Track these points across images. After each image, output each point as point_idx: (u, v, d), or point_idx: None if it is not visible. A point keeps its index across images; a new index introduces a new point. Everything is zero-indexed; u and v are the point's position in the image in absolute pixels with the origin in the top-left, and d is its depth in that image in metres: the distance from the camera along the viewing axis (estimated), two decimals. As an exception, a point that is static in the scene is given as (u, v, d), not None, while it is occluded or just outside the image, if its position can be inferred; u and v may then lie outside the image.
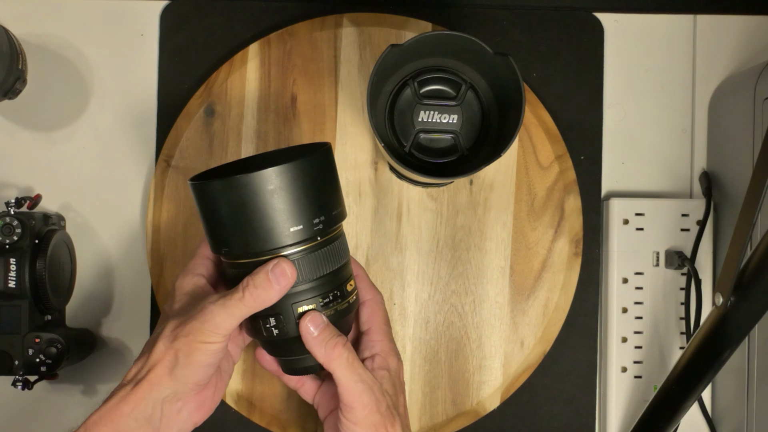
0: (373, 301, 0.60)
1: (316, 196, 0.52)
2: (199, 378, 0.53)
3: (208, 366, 0.52)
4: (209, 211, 0.53)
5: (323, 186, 0.53)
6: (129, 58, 0.73)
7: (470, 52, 0.58)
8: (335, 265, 0.54)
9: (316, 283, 0.53)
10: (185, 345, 0.51)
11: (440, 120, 0.61)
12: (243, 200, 0.50)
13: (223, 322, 0.51)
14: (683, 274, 0.71)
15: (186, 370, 0.52)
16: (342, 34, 0.71)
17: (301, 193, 0.51)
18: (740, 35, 0.74)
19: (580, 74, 0.73)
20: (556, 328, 0.71)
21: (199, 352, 0.51)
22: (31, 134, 0.73)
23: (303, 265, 0.52)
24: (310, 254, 0.53)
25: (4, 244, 0.64)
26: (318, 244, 0.53)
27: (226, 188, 0.51)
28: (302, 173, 0.51)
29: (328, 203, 0.53)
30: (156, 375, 0.52)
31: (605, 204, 0.72)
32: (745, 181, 0.53)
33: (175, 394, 0.52)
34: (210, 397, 0.56)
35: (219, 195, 0.51)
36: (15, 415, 0.72)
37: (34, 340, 0.65)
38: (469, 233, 0.71)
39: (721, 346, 0.56)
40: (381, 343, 0.58)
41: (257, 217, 0.51)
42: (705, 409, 0.71)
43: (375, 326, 0.59)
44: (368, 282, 0.61)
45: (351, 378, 0.53)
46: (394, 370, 0.57)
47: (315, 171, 0.52)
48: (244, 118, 0.71)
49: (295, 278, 0.52)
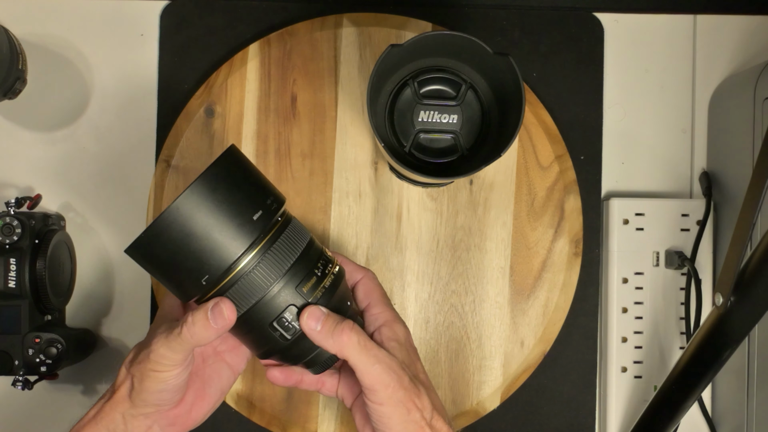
0: (366, 278, 0.59)
1: (236, 203, 0.50)
2: (157, 401, 0.53)
3: (161, 392, 0.53)
4: (151, 270, 0.52)
5: (237, 192, 0.50)
6: (129, 58, 0.73)
7: (470, 52, 0.58)
8: (298, 251, 0.52)
9: (290, 276, 0.51)
10: (138, 372, 0.53)
11: (440, 120, 0.61)
12: (169, 243, 0.49)
13: (167, 353, 0.51)
14: (683, 274, 0.71)
15: (141, 395, 0.53)
16: (342, 34, 0.71)
17: (218, 207, 0.49)
18: (740, 35, 0.74)
19: (580, 74, 0.73)
20: (556, 328, 0.71)
21: (150, 380, 0.52)
22: (31, 134, 0.73)
23: (264, 267, 0.51)
24: (266, 255, 0.51)
25: (4, 244, 0.64)
26: (267, 241, 0.51)
27: (148, 243, 0.49)
28: (207, 192, 0.49)
29: (254, 203, 0.51)
30: (118, 396, 0.54)
31: (605, 204, 0.72)
32: (745, 181, 0.53)
33: (140, 414, 0.54)
34: (184, 414, 0.56)
35: (148, 251, 0.50)
36: (15, 415, 0.72)
37: (34, 340, 0.65)
38: (469, 233, 0.71)
39: (721, 346, 0.56)
40: (383, 314, 0.57)
41: (193, 255, 0.49)
42: (705, 409, 0.71)
43: (373, 300, 0.57)
44: (353, 264, 0.60)
45: (367, 361, 0.52)
46: (403, 338, 0.56)
47: (220, 182, 0.49)
48: (244, 118, 0.71)
49: (234, 319, 0.51)
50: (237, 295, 0.51)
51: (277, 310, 0.51)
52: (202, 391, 0.57)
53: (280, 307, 0.51)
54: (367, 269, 0.60)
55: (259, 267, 0.50)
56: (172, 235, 0.49)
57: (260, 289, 0.51)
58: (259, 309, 0.51)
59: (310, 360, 0.54)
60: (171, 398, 0.54)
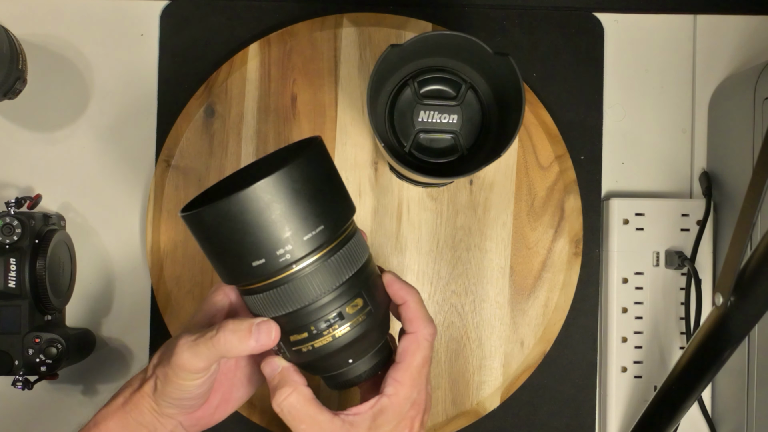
0: (414, 336, 0.52)
1: (312, 204, 0.47)
2: (180, 406, 0.52)
3: (184, 399, 0.51)
4: (203, 242, 0.48)
5: (317, 191, 0.47)
6: (129, 58, 0.73)
7: (470, 52, 0.58)
8: (349, 273, 0.49)
9: (333, 296, 0.48)
10: (162, 375, 0.51)
11: (440, 120, 0.61)
12: (232, 225, 0.46)
13: (191, 359, 0.49)
14: (683, 274, 0.71)
15: (164, 398, 0.51)
16: (342, 34, 0.71)
17: (295, 201, 0.46)
18: (740, 35, 0.74)
19: (580, 74, 0.73)
20: (556, 328, 0.71)
21: (171, 386, 0.50)
22: (31, 134, 0.73)
23: (314, 278, 0.48)
24: (322, 266, 0.48)
25: (4, 244, 0.64)
26: (326, 253, 0.48)
27: (213, 216, 0.46)
28: (294, 179, 0.46)
29: (328, 208, 0.48)
30: (145, 391, 0.52)
31: (605, 204, 0.72)
32: (745, 181, 0.53)
33: (164, 411, 0.52)
34: (208, 416, 0.55)
35: (209, 223, 0.47)
36: (15, 415, 0.72)
37: (34, 340, 0.65)
38: (469, 233, 0.71)
39: (721, 346, 0.56)
40: (397, 386, 0.51)
41: (253, 240, 0.46)
42: (705, 409, 0.71)
43: (404, 365, 0.52)
44: (417, 312, 0.52)
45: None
46: (394, 420, 0.51)
47: (307, 174, 0.47)
48: (244, 118, 0.71)
49: (275, 344, 0.49)
50: (286, 294, 0.48)
51: (312, 319, 0.49)
52: (229, 394, 0.55)
53: (317, 318, 0.49)
54: (426, 325, 0.52)
55: (316, 271, 0.48)
56: (248, 205, 0.45)
57: (309, 294, 0.48)
58: (298, 314, 0.49)
59: (328, 378, 0.53)
60: (194, 405, 0.52)
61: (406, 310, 0.52)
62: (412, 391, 0.52)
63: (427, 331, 0.52)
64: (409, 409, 0.52)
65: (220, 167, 0.70)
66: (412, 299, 0.52)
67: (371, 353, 0.52)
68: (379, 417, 0.51)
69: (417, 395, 0.52)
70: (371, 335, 0.51)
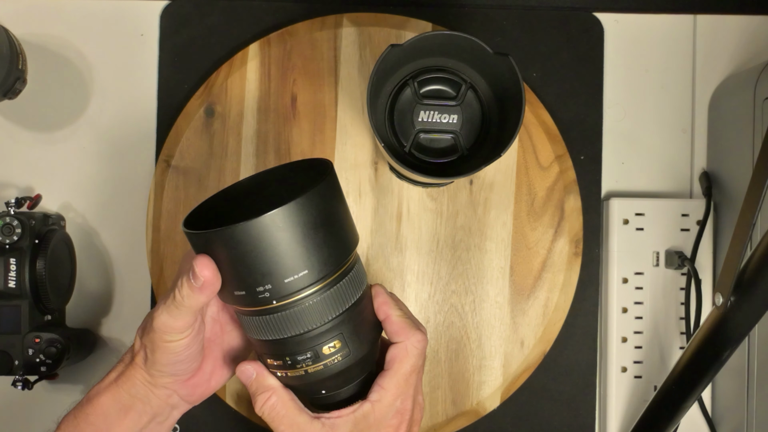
0: (402, 346, 0.51)
1: (321, 237, 0.46)
2: (172, 372, 0.52)
3: (174, 363, 0.51)
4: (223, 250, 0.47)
5: (327, 224, 0.47)
6: (129, 58, 0.73)
7: (470, 52, 0.58)
8: (356, 295, 0.49)
9: (341, 319, 0.48)
10: (150, 342, 0.51)
11: (440, 120, 0.61)
12: (239, 252, 0.45)
13: (168, 320, 0.49)
14: (683, 274, 0.71)
15: (155, 366, 0.51)
16: (342, 34, 0.71)
17: (301, 237, 0.46)
18: (740, 35, 0.74)
19: (580, 74, 0.73)
20: (556, 328, 0.71)
21: (161, 351, 0.50)
22: (31, 134, 0.73)
23: (324, 301, 0.47)
24: (330, 292, 0.48)
25: (4, 244, 0.64)
26: (336, 278, 0.48)
27: (219, 241, 0.46)
28: (306, 211, 0.46)
29: (338, 241, 0.48)
30: (136, 363, 0.52)
31: (605, 204, 0.72)
32: (745, 181, 0.53)
33: (158, 381, 0.52)
34: (204, 383, 0.54)
35: (215, 247, 0.46)
36: (15, 415, 0.72)
37: (34, 340, 0.65)
38: (469, 233, 0.71)
39: (721, 346, 0.56)
40: (381, 393, 0.51)
41: (257, 268, 0.46)
42: (705, 409, 0.71)
43: (391, 372, 0.51)
44: (401, 324, 0.52)
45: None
46: (375, 426, 0.51)
47: (319, 206, 0.47)
48: (244, 118, 0.71)
49: (215, 277, 0.47)
50: (288, 321, 0.47)
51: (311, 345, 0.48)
52: (221, 360, 0.55)
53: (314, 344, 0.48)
54: (414, 333, 0.52)
55: (318, 300, 0.47)
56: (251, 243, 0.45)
57: (309, 322, 0.48)
58: (289, 341, 0.48)
59: (313, 400, 0.53)
60: (186, 368, 0.52)
61: (390, 324, 0.52)
62: (396, 399, 0.51)
63: (416, 339, 0.51)
64: (392, 417, 0.51)
65: (220, 167, 0.70)
66: (394, 313, 0.52)
67: (349, 386, 0.52)
68: (361, 422, 0.50)
69: (401, 404, 0.51)
70: (348, 373, 0.50)
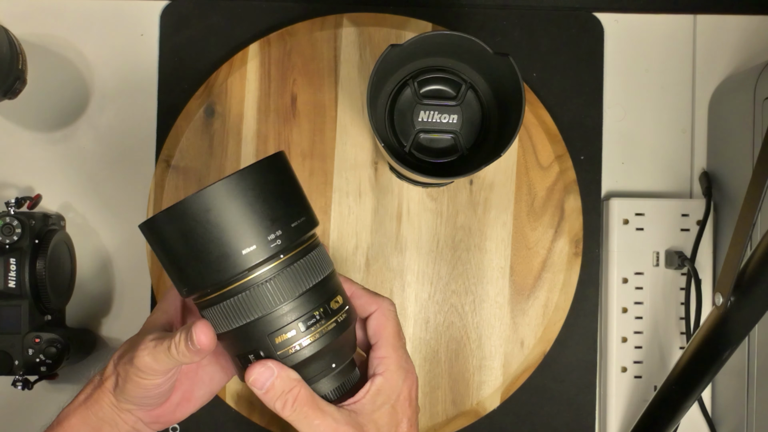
0: (379, 312, 0.53)
1: (265, 210, 0.46)
2: (140, 402, 0.52)
3: (143, 397, 0.51)
4: (159, 251, 0.48)
5: (272, 198, 0.47)
6: (129, 58, 0.73)
7: (470, 52, 0.58)
8: (317, 278, 0.49)
9: (293, 305, 0.48)
10: (123, 372, 0.51)
11: (440, 120, 0.61)
12: (184, 230, 0.46)
13: (151, 363, 0.50)
14: (683, 274, 0.71)
15: (124, 395, 0.52)
16: (342, 34, 0.71)
17: (244, 210, 0.46)
18: (740, 35, 0.74)
19: (580, 74, 0.73)
20: (556, 328, 0.71)
21: (132, 384, 0.51)
22: (31, 134, 0.73)
23: (273, 287, 0.47)
24: (280, 274, 0.47)
25: (4, 244, 0.64)
26: (283, 262, 0.47)
27: (165, 222, 0.46)
28: (242, 189, 0.46)
29: (283, 215, 0.47)
30: (104, 389, 0.53)
31: (605, 204, 0.72)
32: (745, 181, 0.53)
33: (123, 407, 0.53)
34: (168, 414, 0.55)
35: (162, 230, 0.47)
36: (15, 415, 0.72)
37: (34, 340, 0.65)
38: (469, 233, 0.71)
39: (721, 346, 0.56)
40: (386, 361, 0.52)
41: (205, 246, 0.46)
42: (705, 409, 0.71)
43: (381, 340, 0.53)
44: (369, 295, 0.54)
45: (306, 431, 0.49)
46: (394, 394, 0.52)
47: (258, 183, 0.47)
48: (244, 118, 0.71)
49: (211, 345, 0.48)
50: (243, 304, 0.47)
51: (272, 329, 0.48)
52: (190, 393, 0.55)
53: (278, 328, 0.48)
54: (384, 299, 0.54)
55: (272, 281, 0.47)
56: (197, 220, 0.45)
57: (266, 306, 0.47)
58: (257, 325, 0.48)
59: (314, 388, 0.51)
60: (153, 402, 0.53)
61: (357, 297, 0.54)
62: (400, 361, 0.52)
63: (386, 303, 0.54)
64: (404, 380, 0.52)
65: (220, 167, 0.70)
66: (357, 287, 0.54)
67: (334, 373, 0.51)
68: (378, 397, 0.51)
69: (405, 363, 0.53)
70: (331, 349, 0.50)
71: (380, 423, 0.51)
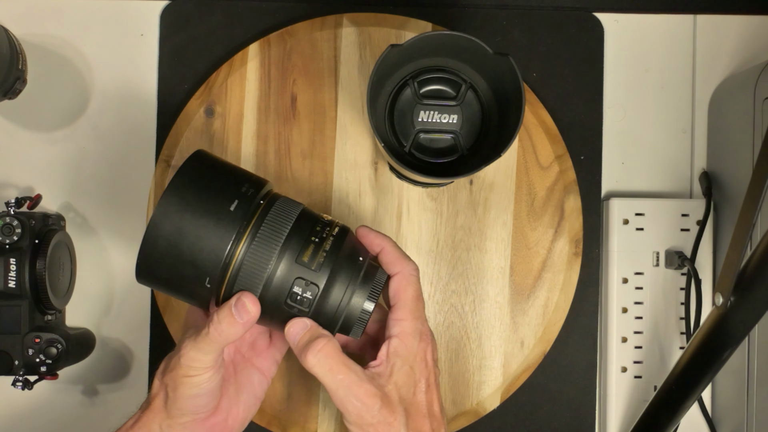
0: (402, 276, 0.55)
1: (208, 201, 0.50)
2: (193, 409, 0.53)
3: (196, 397, 0.53)
4: (160, 290, 0.53)
5: (206, 191, 0.51)
6: (129, 58, 0.73)
7: (470, 52, 0.58)
8: (287, 226, 0.52)
9: (285, 251, 0.51)
10: (171, 380, 0.53)
11: (440, 120, 0.61)
12: (161, 260, 0.50)
13: (197, 356, 0.52)
14: (683, 274, 0.71)
15: (176, 404, 0.53)
16: (342, 34, 0.71)
17: (192, 211, 0.50)
18: (740, 35, 0.74)
19: (580, 74, 0.73)
20: (556, 328, 0.71)
21: (183, 386, 0.52)
22: (31, 134, 0.73)
23: (255, 251, 0.51)
24: (255, 239, 0.51)
25: (4, 244, 0.64)
26: (253, 226, 0.51)
27: (145, 269, 0.51)
28: (177, 200, 0.50)
29: (226, 195, 0.51)
30: (154, 407, 0.54)
31: (605, 204, 0.72)
32: (745, 181, 0.53)
33: (177, 424, 0.54)
34: (221, 422, 0.56)
35: (149, 276, 0.52)
36: (15, 415, 0.72)
37: (34, 340, 0.65)
38: (469, 233, 0.71)
39: (721, 346, 0.56)
40: (402, 324, 0.54)
41: (185, 259, 0.50)
42: (705, 409, 0.71)
43: (400, 303, 0.54)
44: (396, 254, 0.56)
45: (330, 385, 0.52)
46: (411, 355, 0.53)
47: (187, 188, 0.51)
48: (244, 118, 0.71)
49: (258, 310, 0.51)
50: (245, 285, 0.51)
51: (285, 287, 0.51)
52: (236, 397, 0.57)
53: (287, 284, 0.51)
54: (408, 262, 0.56)
55: (250, 252, 0.50)
56: (161, 250, 0.50)
57: (260, 272, 0.51)
58: (269, 292, 0.51)
59: (343, 327, 0.54)
60: (206, 404, 0.54)
61: (386, 254, 0.55)
62: (416, 323, 0.54)
63: (411, 267, 0.56)
64: (420, 342, 0.54)
65: (220, 167, 0.70)
66: (388, 244, 0.56)
67: (357, 283, 0.53)
68: (396, 358, 0.53)
69: (422, 326, 0.55)
70: (346, 252, 0.53)
71: (399, 383, 0.53)
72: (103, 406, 0.72)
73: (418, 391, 0.54)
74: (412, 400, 0.53)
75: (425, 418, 0.54)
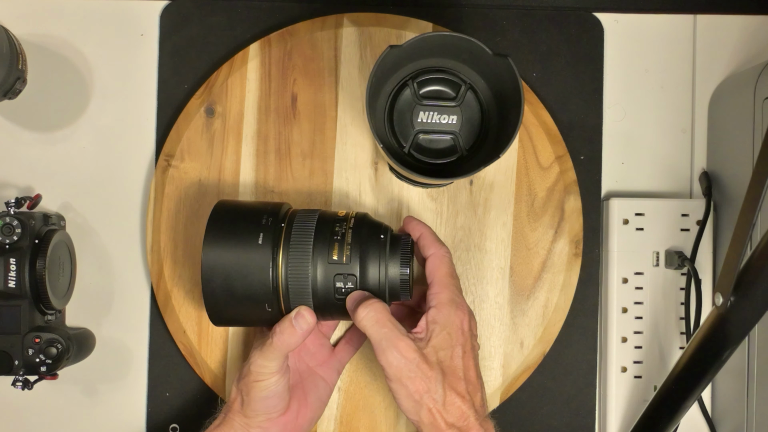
0: (435, 256, 0.61)
1: (240, 243, 0.58)
2: (265, 409, 0.61)
3: (266, 399, 0.60)
4: (234, 323, 0.64)
5: (235, 236, 0.59)
6: (129, 58, 0.73)
7: (470, 52, 0.58)
8: (311, 234, 0.59)
9: (317, 255, 0.58)
10: (244, 385, 0.61)
11: (440, 121, 0.61)
12: (225, 303, 0.59)
13: (264, 363, 0.59)
14: (683, 274, 0.71)
15: (250, 406, 0.60)
16: (342, 34, 0.71)
17: (230, 255, 0.58)
18: (740, 35, 0.74)
19: (580, 74, 0.73)
20: (556, 328, 0.71)
21: (254, 390, 0.60)
22: (31, 134, 0.73)
23: (293, 265, 0.58)
24: (289, 255, 0.58)
25: (4, 244, 0.64)
26: (284, 245, 0.58)
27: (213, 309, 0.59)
28: (215, 249, 0.58)
29: (252, 232, 0.58)
30: (232, 413, 0.62)
31: (605, 204, 0.72)
32: (745, 181, 0.53)
33: (254, 424, 0.61)
34: (292, 420, 0.63)
35: (220, 315, 0.60)
36: (15, 415, 0.72)
37: (34, 340, 0.65)
38: (469, 233, 0.71)
39: (721, 346, 0.56)
40: (438, 296, 0.60)
41: (242, 295, 0.58)
42: (705, 409, 0.71)
43: (436, 279, 0.60)
44: (431, 239, 0.62)
45: (377, 342, 0.57)
46: (448, 323, 0.59)
47: (220, 237, 0.59)
48: (244, 118, 0.71)
49: (314, 321, 0.59)
50: (297, 296, 0.58)
51: (329, 287, 0.58)
52: (305, 399, 0.65)
53: (330, 283, 0.58)
54: (441, 246, 0.62)
55: (289, 270, 0.58)
56: (220, 299, 0.58)
57: (304, 283, 0.58)
58: (318, 296, 0.59)
59: (392, 296, 0.60)
60: (275, 405, 0.61)
61: (423, 238, 0.62)
62: (452, 296, 0.60)
63: (444, 250, 0.62)
64: (456, 311, 0.59)
65: (220, 167, 0.70)
66: (426, 230, 0.63)
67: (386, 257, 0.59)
68: (434, 325, 0.59)
69: (458, 298, 0.60)
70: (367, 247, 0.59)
71: (438, 347, 0.58)
72: (103, 406, 0.72)
73: (455, 355, 0.59)
74: (449, 363, 0.58)
75: (461, 380, 0.58)
